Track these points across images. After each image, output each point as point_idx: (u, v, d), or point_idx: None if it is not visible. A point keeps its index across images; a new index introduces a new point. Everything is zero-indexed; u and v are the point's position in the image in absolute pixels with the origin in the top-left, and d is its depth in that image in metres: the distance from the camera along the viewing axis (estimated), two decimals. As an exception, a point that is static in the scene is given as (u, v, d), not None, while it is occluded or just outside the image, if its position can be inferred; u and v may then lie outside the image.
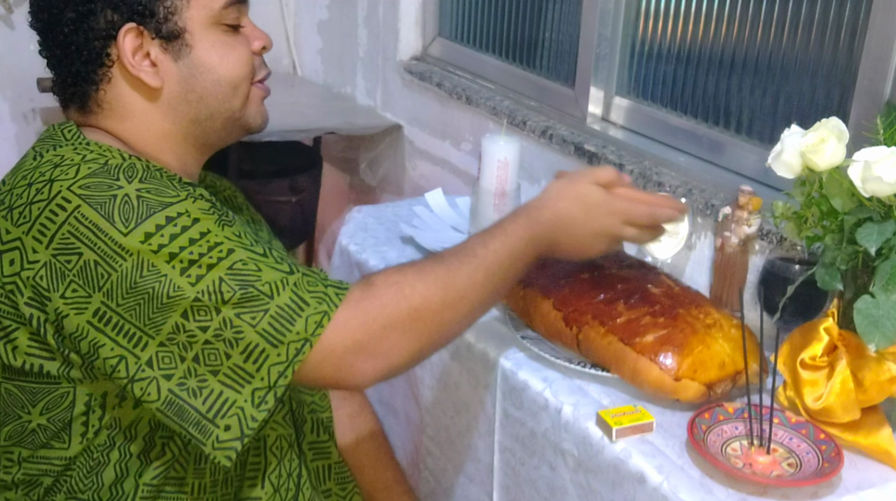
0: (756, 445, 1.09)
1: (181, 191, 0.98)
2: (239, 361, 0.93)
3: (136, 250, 0.92)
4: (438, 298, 0.99)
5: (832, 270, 1.09)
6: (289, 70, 2.87)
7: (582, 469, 1.15)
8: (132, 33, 1.01)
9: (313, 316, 0.94)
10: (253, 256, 0.95)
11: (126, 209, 0.93)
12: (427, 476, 1.51)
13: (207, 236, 0.94)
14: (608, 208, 1.08)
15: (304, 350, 0.93)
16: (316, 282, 0.96)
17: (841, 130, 1.08)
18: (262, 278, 0.94)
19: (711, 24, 1.64)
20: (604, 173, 1.11)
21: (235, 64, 1.07)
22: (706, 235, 1.55)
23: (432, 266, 1.01)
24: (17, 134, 2.44)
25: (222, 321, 0.92)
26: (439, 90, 2.21)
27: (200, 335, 0.92)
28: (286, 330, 0.93)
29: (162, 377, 0.93)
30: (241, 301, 0.92)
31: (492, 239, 1.05)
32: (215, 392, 0.93)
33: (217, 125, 1.09)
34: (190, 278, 0.92)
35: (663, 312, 1.21)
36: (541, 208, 1.08)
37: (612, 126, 1.87)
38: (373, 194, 2.59)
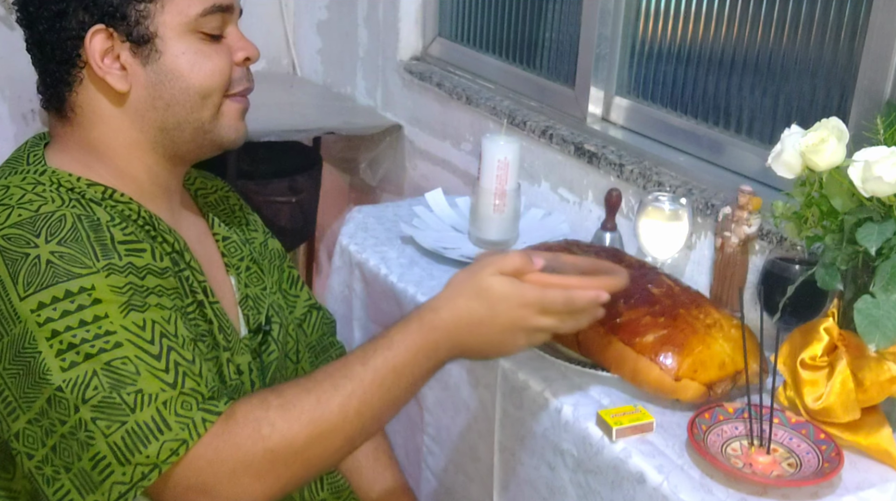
0: (756, 445, 1.09)
1: (99, 260, 0.92)
2: (87, 466, 0.88)
3: (25, 319, 0.88)
4: (303, 436, 0.90)
5: (832, 270, 1.09)
6: (288, 70, 2.87)
7: (582, 469, 1.15)
8: (101, 35, 0.99)
9: (169, 443, 0.87)
10: (141, 354, 0.90)
11: (32, 272, 0.89)
12: (427, 476, 1.51)
13: (101, 321, 0.89)
14: (516, 299, 0.95)
15: (150, 476, 0.87)
16: (191, 404, 0.90)
17: (841, 130, 1.08)
18: (136, 384, 0.88)
19: (711, 24, 1.64)
20: (509, 261, 0.97)
21: (208, 74, 1.03)
22: (706, 235, 1.55)
23: (299, 397, 0.91)
24: (16, 134, 2.44)
25: (78, 420, 0.87)
26: (439, 90, 2.21)
27: (59, 427, 0.88)
28: (137, 450, 0.87)
29: (25, 455, 0.90)
30: (100, 405, 0.87)
31: (374, 354, 0.94)
32: (64, 489, 0.89)
33: (186, 136, 1.05)
34: (64, 362, 0.87)
35: (663, 312, 1.21)
36: (437, 308, 0.96)
37: (612, 126, 1.87)
38: (373, 193, 2.59)
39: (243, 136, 1.10)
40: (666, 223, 1.44)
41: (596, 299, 0.99)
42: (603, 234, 1.61)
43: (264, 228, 1.32)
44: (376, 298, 1.63)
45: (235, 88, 1.07)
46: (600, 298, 0.99)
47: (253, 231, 1.28)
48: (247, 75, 1.09)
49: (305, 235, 2.60)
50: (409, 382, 0.95)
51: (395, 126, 2.40)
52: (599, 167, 1.75)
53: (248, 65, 1.09)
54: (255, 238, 1.28)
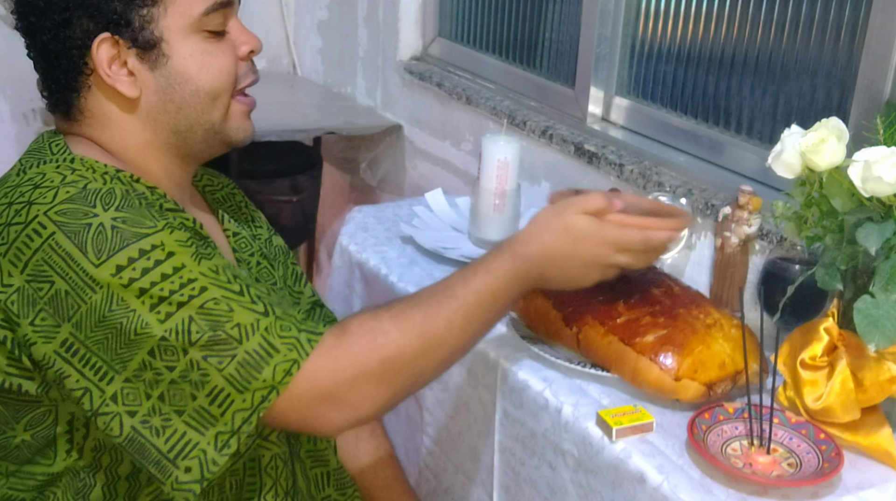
0: (756, 445, 1.09)
1: (159, 220, 0.95)
2: (204, 403, 0.91)
3: (107, 283, 0.90)
4: (414, 346, 0.95)
5: (832, 270, 1.09)
6: (289, 70, 2.87)
7: (582, 469, 1.15)
8: (107, 43, 0.99)
9: (282, 364, 0.91)
10: (227, 294, 0.93)
11: (100, 240, 0.91)
12: (427, 476, 1.51)
13: (181, 271, 0.92)
14: (598, 237, 1.04)
15: (269, 398, 0.91)
16: (289, 326, 0.93)
17: (841, 130, 1.08)
18: (233, 320, 0.91)
19: (711, 24, 1.64)
20: (592, 201, 1.05)
21: (216, 74, 1.04)
22: (706, 235, 1.55)
23: (409, 311, 0.97)
24: (17, 134, 2.44)
25: (189, 362, 0.90)
26: (439, 90, 2.21)
27: (167, 375, 0.90)
28: (253, 377, 0.90)
29: (125, 413, 0.91)
30: (208, 344, 0.90)
31: (474, 277, 1.00)
32: (178, 433, 0.91)
33: (198, 137, 1.06)
34: (159, 314, 0.90)
35: (663, 312, 1.21)
36: (526, 242, 1.04)
37: (612, 126, 1.87)
38: (373, 194, 2.59)
39: (251, 135, 1.11)
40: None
41: (669, 238, 1.07)
42: (603, 234, 1.61)
43: (268, 224, 1.33)
44: (376, 298, 1.63)
45: (242, 82, 1.08)
46: (672, 237, 1.07)
47: (259, 227, 1.29)
48: (252, 68, 1.10)
49: (306, 234, 2.61)
50: (503, 305, 1.03)
51: (395, 126, 2.40)
52: (599, 167, 1.75)
53: (253, 57, 1.09)
54: (261, 234, 1.29)
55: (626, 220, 1.06)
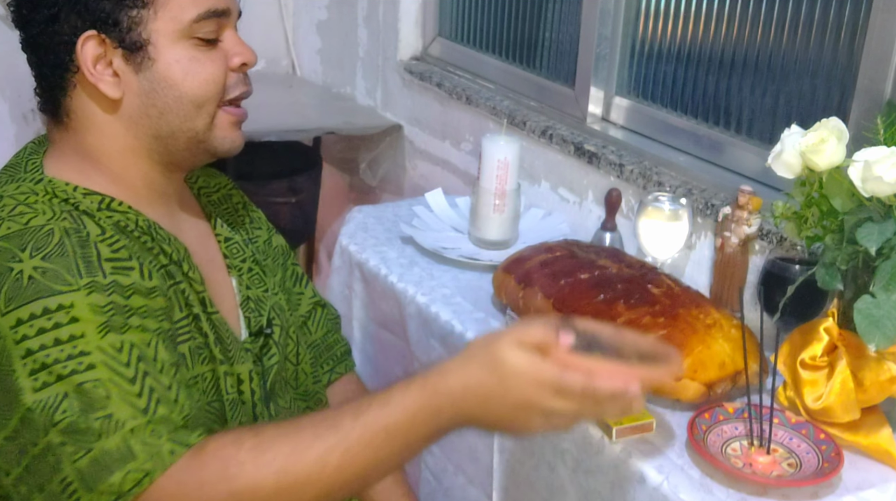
0: (756, 445, 1.09)
1: (83, 277, 0.90)
2: (57, 489, 0.86)
3: (4, 335, 0.87)
4: (270, 482, 0.85)
5: (832, 270, 1.09)
6: (288, 70, 2.87)
7: (581, 469, 1.15)
8: (93, 41, 0.98)
9: (133, 473, 0.84)
10: (114, 378, 0.87)
11: (14, 288, 0.88)
12: (427, 477, 1.50)
13: (76, 340, 0.87)
14: (532, 376, 0.84)
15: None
16: (161, 432, 0.87)
17: (841, 130, 1.08)
18: (106, 409, 0.86)
19: (711, 24, 1.64)
20: (533, 332, 0.85)
21: (202, 82, 1.01)
22: (706, 235, 1.55)
23: (276, 441, 0.86)
24: (16, 134, 2.44)
25: (47, 444, 0.86)
26: (439, 90, 2.21)
27: (30, 449, 0.87)
28: (102, 479, 0.85)
29: (3, 472, 0.90)
30: (68, 430, 0.85)
31: (367, 410, 0.86)
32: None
33: (180, 144, 1.04)
34: (36, 382, 0.86)
35: (663, 312, 1.21)
36: (444, 373, 0.87)
37: (612, 126, 1.87)
38: (373, 193, 2.59)
39: (238, 146, 1.08)
40: (666, 223, 1.44)
41: (623, 390, 0.84)
42: (603, 234, 1.61)
43: (268, 224, 1.31)
44: (376, 298, 1.63)
45: (231, 93, 1.05)
46: (628, 389, 0.84)
47: (257, 229, 1.28)
48: (243, 80, 1.07)
49: (305, 235, 2.60)
50: (402, 444, 0.87)
51: (395, 126, 2.40)
52: (599, 167, 1.75)
53: (245, 70, 1.07)
54: (258, 236, 1.27)
55: (570, 360, 0.84)
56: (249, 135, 1.12)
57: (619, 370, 0.84)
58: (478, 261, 1.59)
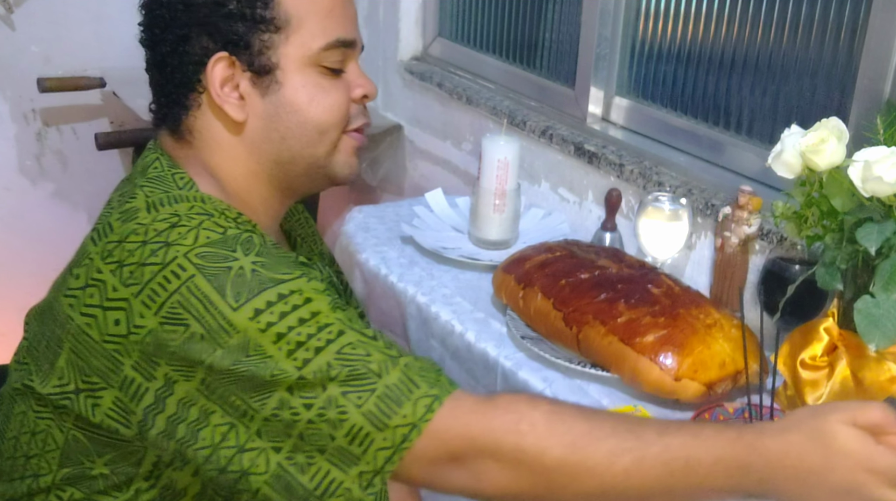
0: (756, 445, 1.09)
1: (295, 269, 0.93)
2: (343, 443, 0.87)
3: (244, 328, 0.88)
4: (556, 454, 0.83)
5: (832, 270, 1.09)
6: (289, 70, 2.87)
7: (582, 469, 1.15)
8: (223, 62, 0.98)
9: (423, 399, 0.86)
10: (363, 339, 0.90)
11: (239, 283, 0.89)
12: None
13: (317, 316, 0.90)
14: (864, 460, 0.77)
15: (410, 437, 0.86)
16: (428, 368, 0.90)
17: (841, 130, 1.08)
18: (371, 360, 0.88)
19: (711, 24, 1.64)
20: (870, 413, 0.79)
21: (326, 109, 1.02)
22: (706, 235, 1.55)
23: (576, 418, 0.85)
24: (17, 134, 2.44)
25: (327, 399, 0.87)
26: (439, 90, 2.21)
27: (304, 414, 0.87)
28: (393, 412, 0.86)
29: (271, 449, 0.89)
30: (347, 379, 0.87)
31: (677, 432, 0.83)
32: (322, 470, 0.88)
33: (300, 170, 1.04)
34: (296, 361, 0.87)
35: (663, 312, 1.21)
36: (763, 431, 0.81)
37: (612, 126, 1.87)
38: (373, 193, 2.59)
39: (356, 171, 1.08)
40: (666, 223, 1.44)
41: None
42: (603, 234, 1.61)
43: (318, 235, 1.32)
44: (376, 298, 1.63)
45: (353, 123, 1.06)
46: None
47: (320, 244, 1.29)
48: (364, 112, 1.08)
49: (305, 235, 2.60)
50: (696, 484, 0.82)
51: (395, 126, 2.40)
52: (599, 167, 1.75)
53: (366, 102, 1.08)
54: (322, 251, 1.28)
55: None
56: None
57: None
58: (478, 261, 1.59)
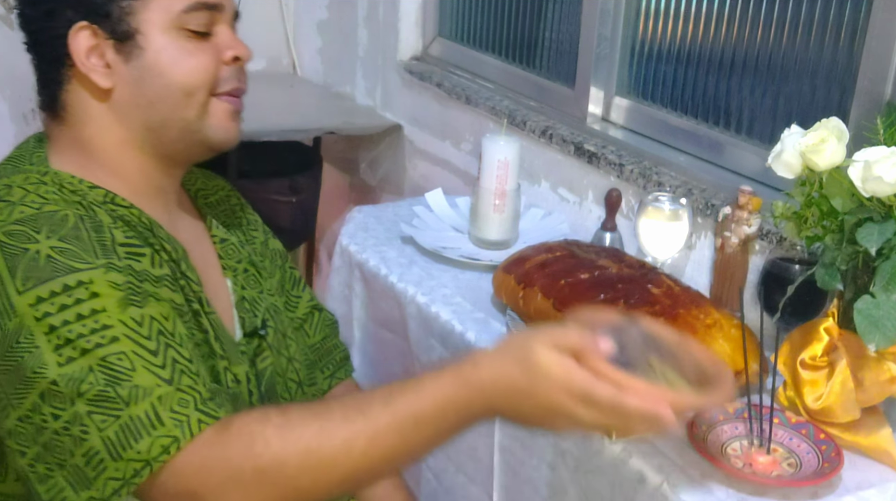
0: (756, 445, 1.09)
1: (100, 258, 0.92)
2: (80, 462, 0.87)
3: (23, 313, 0.88)
4: (295, 462, 0.85)
5: (832, 270, 1.09)
6: (288, 70, 2.87)
7: (582, 469, 1.15)
8: (86, 32, 1.00)
9: (161, 439, 0.86)
10: (137, 350, 0.89)
11: (31, 267, 0.89)
12: (427, 476, 1.50)
13: (98, 315, 0.89)
14: (563, 383, 0.83)
15: (142, 473, 0.86)
16: (188, 401, 0.88)
17: (841, 130, 1.08)
18: (131, 380, 0.87)
19: (711, 24, 1.64)
20: (571, 337, 0.85)
21: (190, 70, 1.02)
22: (706, 235, 1.55)
23: (304, 422, 0.87)
24: (16, 134, 2.44)
25: (73, 414, 0.87)
26: (439, 90, 2.21)
27: (52, 423, 0.87)
28: (129, 446, 0.86)
29: (18, 453, 0.90)
30: (96, 399, 0.86)
31: (400, 396, 0.87)
32: (58, 486, 0.88)
33: (173, 135, 1.04)
34: (60, 357, 0.87)
35: (663, 312, 1.21)
36: (477, 365, 0.87)
37: (612, 126, 1.87)
38: (373, 193, 2.59)
39: (235, 137, 1.08)
40: (666, 223, 1.44)
41: (653, 413, 0.82)
42: (603, 234, 1.61)
43: (265, 227, 1.32)
44: (376, 298, 1.63)
45: (223, 87, 1.05)
46: (658, 413, 0.81)
47: (253, 231, 1.28)
48: (237, 75, 1.07)
49: (305, 235, 2.60)
50: (432, 433, 0.88)
51: (395, 126, 2.40)
52: (599, 167, 1.75)
53: (239, 65, 1.07)
54: (255, 238, 1.27)
55: (603, 370, 0.83)
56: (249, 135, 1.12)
57: (652, 391, 0.82)
58: (478, 261, 1.59)
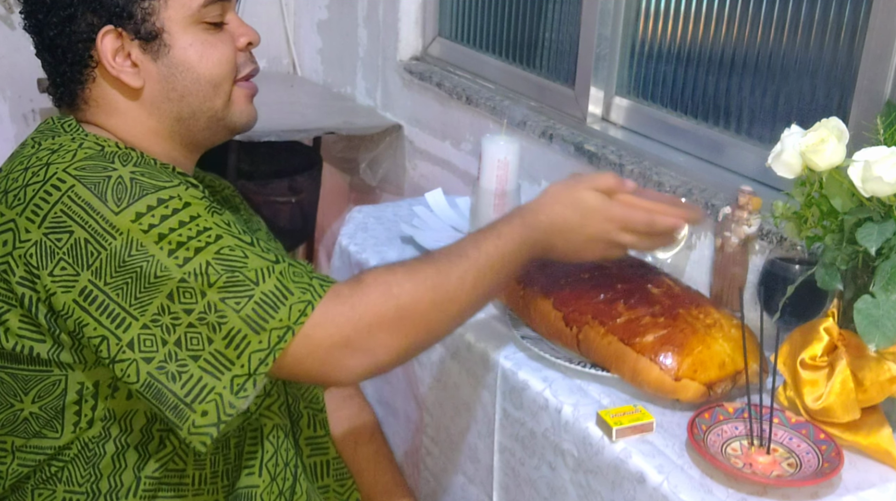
0: (756, 445, 1.09)
1: (174, 178, 1.00)
2: (220, 346, 0.94)
3: (126, 229, 0.94)
4: (427, 298, 0.99)
5: (832, 270, 1.09)
6: (289, 70, 2.87)
7: (582, 469, 1.15)
8: (111, 35, 1.03)
9: (297, 305, 0.95)
10: (240, 243, 0.97)
11: (119, 189, 0.96)
12: (427, 477, 1.51)
13: (197, 219, 0.97)
14: (605, 213, 1.08)
15: (286, 338, 0.94)
16: (302, 273, 0.98)
17: (841, 130, 1.08)
18: (248, 265, 0.96)
19: (711, 24, 1.64)
20: (604, 179, 1.10)
21: (216, 63, 1.08)
22: (706, 235, 1.55)
23: (422, 266, 1.02)
24: (17, 134, 2.44)
25: (207, 304, 0.93)
26: (439, 90, 2.21)
27: (184, 318, 0.94)
28: (269, 317, 0.94)
29: (142, 360, 0.94)
30: (226, 285, 0.94)
31: (485, 241, 1.05)
32: (195, 377, 0.94)
33: (201, 124, 1.10)
34: (178, 259, 0.94)
35: (663, 312, 1.21)
36: (536, 211, 1.09)
37: (612, 126, 1.87)
38: (373, 194, 2.59)
39: (254, 118, 1.15)
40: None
41: (675, 226, 1.10)
42: (603, 234, 1.61)
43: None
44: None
45: (242, 72, 1.12)
46: (678, 225, 1.10)
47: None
48: (251, 58, 1.14)
49: (305, 235, 2.60)
50: (511, 268, 1.07)
51: (395, 126, 2.40)
52: (599, 167, 1.75)
53: (251, 48, 1.13)
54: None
55: (634, 201, 1.10)
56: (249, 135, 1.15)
57: (672, 210, 1.11)
58: (478, 261, 1.59)
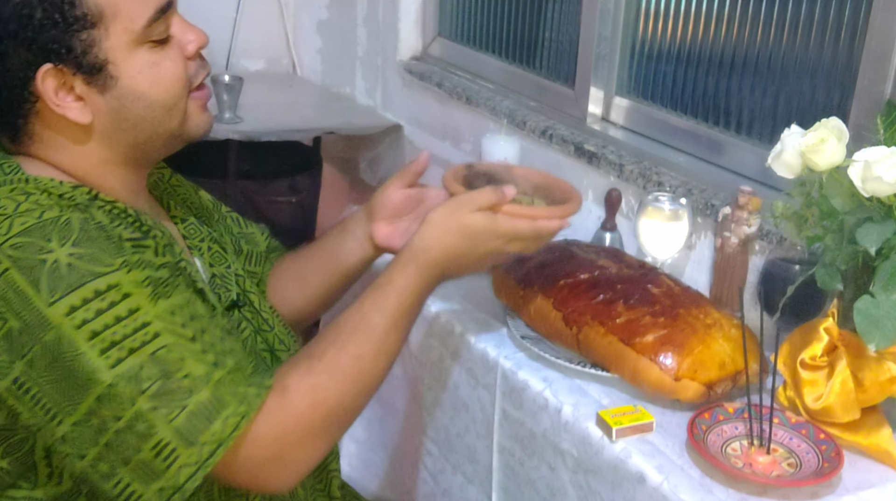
0: (756, 445, 1.09)
1: (116, 257, 0.92)
2: (149, 456, 0.89)
3: (59, 323, 0.88)
4: (351, 392, 1.00)
5: (832, 270, 1.09)
6: (288, 70, 2.87)
7: (582, 470, 1.15)
8: (51, 73, 0.94)
9: (232, 418, 0.91)
10: (179, 341, 0.91)
11: (54, 278, 0.88)
12: (426, 477, 1.50)
13: (135, 313, 0.90)
14: (492, 232, 1.10)
15: (217, 453, 0.90)
16: (239, 380, 0.93)
17: (841, 130, 1.08)
18: (183, 370, 0.90)
19: (711, 24, 1.64)
20: (484, 197, 1.10)
21: (168, 85, 1.00)
22: (706, 235, 1.55)
23: (339, 358, 1.00)
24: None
25: (136, 413, 0.89)
26: (439, 90, 2.21)
27: (113, 425, 0.89)
28: (202, 430, 0.90)
29: (75, 456, 0.91)
30: (158, 393, 0.89)
31: (386, 301, 1.05)
32: (124, 481, 0.90)
33: (157, 145, 1.05)
34: (109, 359, 0.88)
35: (663, 312, 1.21)
36: (427, 249, 1.08)
37: (612, 126, 1.87)
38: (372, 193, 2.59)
39: (210, 125, 1.09)
40: (666, 223, 1.44)
41: (558, 227, 1.13)
42: (603, 234, 1.61)
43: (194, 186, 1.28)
44: (376, 298, 1.63)
45: (195, 83, 1.05)
46: (561, 226, 1.13)
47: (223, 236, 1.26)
48: (201, 64, 1.06)
49: (306, 235, 2.60)
50: (415, 316, 1.09)
51: (394, 126, 2.40)
52: (599, 167, 1.75)
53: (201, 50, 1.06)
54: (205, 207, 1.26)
55: (518, 210, 1.12)
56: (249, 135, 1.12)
57: (551, 212, 1.14)
58: (478, 261, 1.59)
